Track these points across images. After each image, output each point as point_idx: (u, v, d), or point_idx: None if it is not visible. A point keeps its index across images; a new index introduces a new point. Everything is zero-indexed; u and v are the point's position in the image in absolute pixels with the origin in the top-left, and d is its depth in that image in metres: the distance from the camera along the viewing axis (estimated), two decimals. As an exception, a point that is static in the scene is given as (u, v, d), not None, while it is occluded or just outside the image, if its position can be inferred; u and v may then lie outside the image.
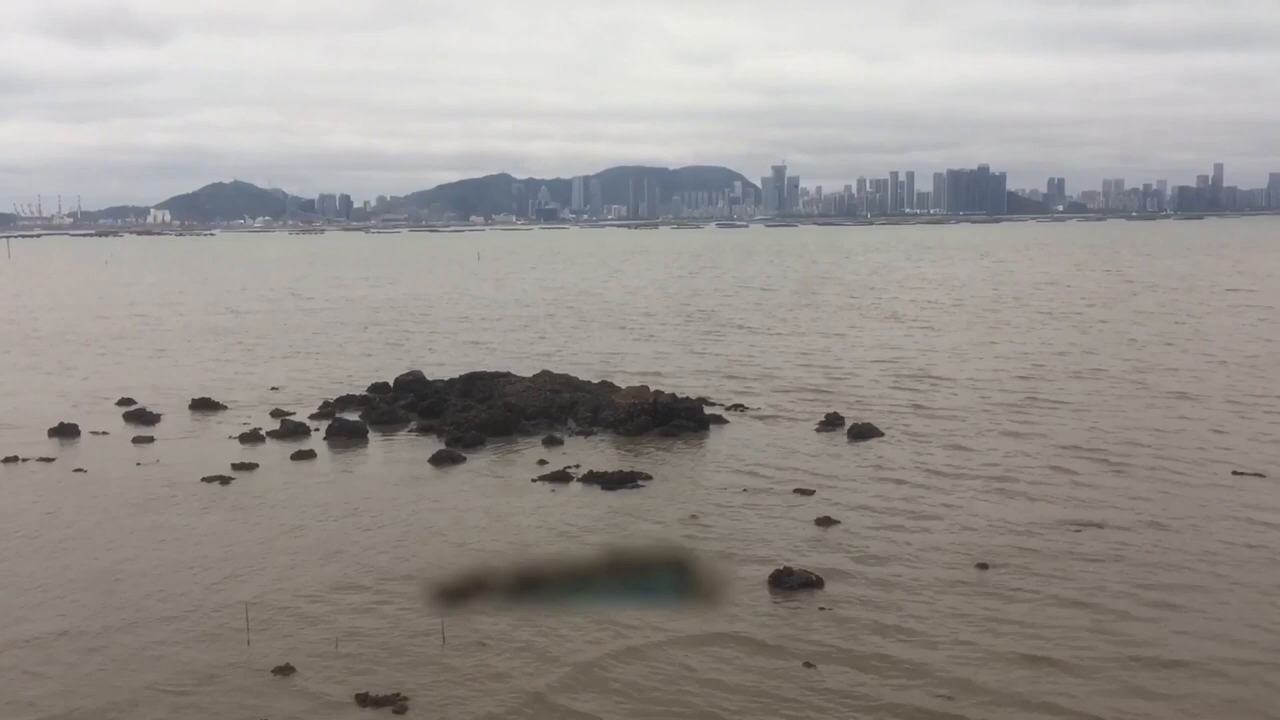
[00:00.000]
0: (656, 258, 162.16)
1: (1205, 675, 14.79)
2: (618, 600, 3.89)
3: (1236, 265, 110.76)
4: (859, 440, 29.93)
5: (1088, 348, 45.11)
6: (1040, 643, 15.80)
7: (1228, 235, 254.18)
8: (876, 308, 65.58)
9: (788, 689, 14.75)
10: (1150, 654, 15.42)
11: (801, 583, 19.08)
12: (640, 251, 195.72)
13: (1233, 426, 29.57)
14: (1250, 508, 22.11)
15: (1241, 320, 54.41)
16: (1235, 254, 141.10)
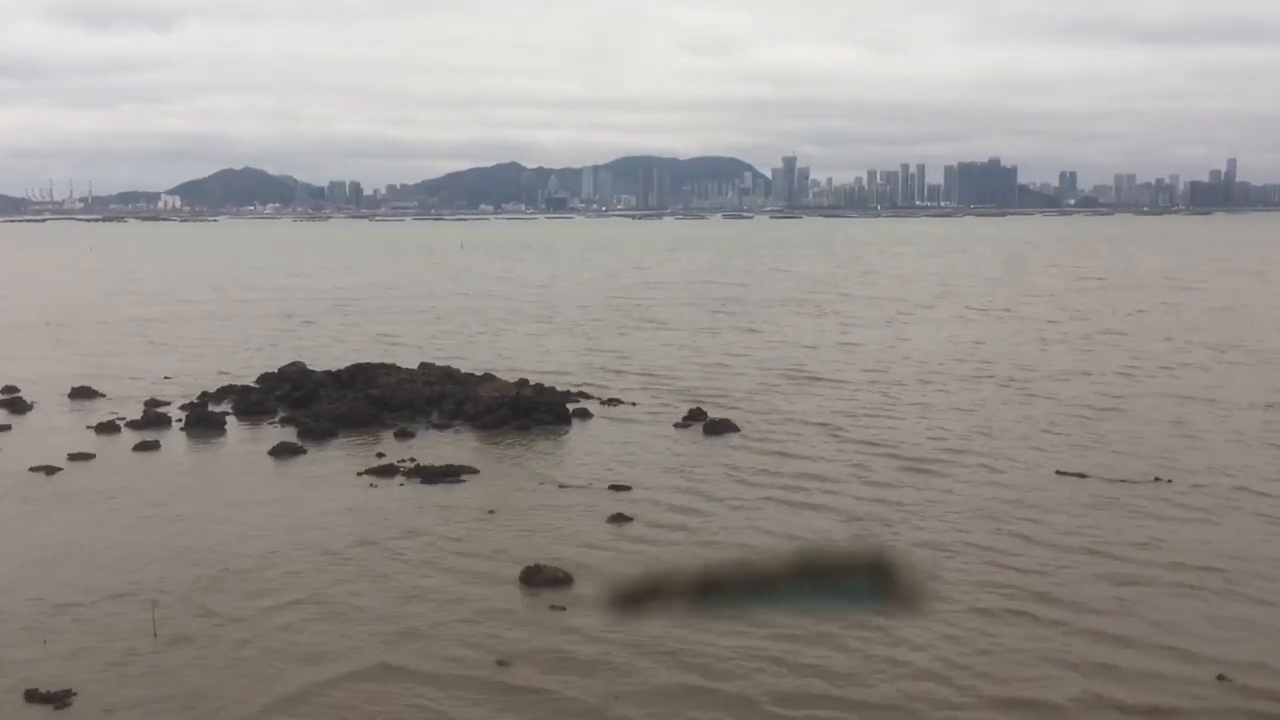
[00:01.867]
0: (632, 249, 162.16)
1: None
2: (811, 604, 3.64)
3: (1213, 262, 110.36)
4: (712, 436, 30.01)
5: (993, 347, 45.07)
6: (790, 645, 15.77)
7: (1228, 231, 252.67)
8: (812, 303, 65.55)
9: (468, 688, 14.86)
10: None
11: (549, 580, 19.25)
12: (623, 242, 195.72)
13: (1079, 428, 29.48)
14: (1034, 508, 22.05)
15: (1169, 320, 54.30)
16: (1220, 250, 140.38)
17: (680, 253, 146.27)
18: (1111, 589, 17.54)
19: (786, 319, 56.47)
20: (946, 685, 14.32)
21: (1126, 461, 25.85)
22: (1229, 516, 21.32)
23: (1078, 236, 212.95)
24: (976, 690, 14.20)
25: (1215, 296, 67.68)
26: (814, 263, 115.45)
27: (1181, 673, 14.67)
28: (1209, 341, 45.47)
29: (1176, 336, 47.66)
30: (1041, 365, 39.82)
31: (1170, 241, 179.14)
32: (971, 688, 14.24)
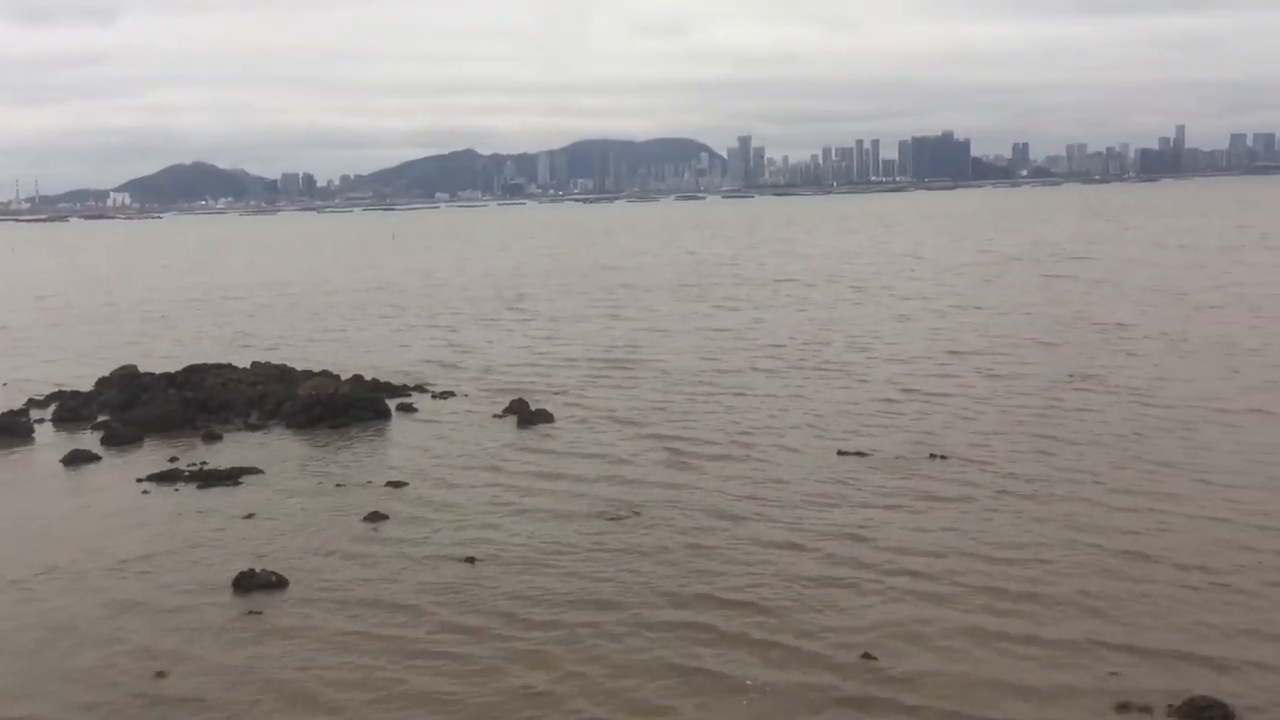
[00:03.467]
0: (563, 235, 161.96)
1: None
2: None
3: (1123, 230, 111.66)
4: (524, 428, 30.00)
5: (847, 328, 45.38)
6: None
7: (1163, 198, 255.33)
8: (699, 288, 65.70)
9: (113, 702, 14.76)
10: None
11: (260, 585, 19.16)
12: (560, 228, 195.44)
13: (886, 409, 29.67)
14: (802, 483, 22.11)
15: (1040, 296, 54.92)
16: (1137, 218, 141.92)
17: (610, 237, 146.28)
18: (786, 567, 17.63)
19: (661, 304, 56.54)
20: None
21: (910, 439, 26.02)
22: (986, 499, 21.49)
23: (1012, 208, 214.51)
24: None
25: (1102, 267, 68.43)
26: (732, 245, 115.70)
27: (831, 658, 14.79)
28: (1063, 316, 45.96)
29: (1037, 311, 48.13)
30: (884, 346, 40.04)
31: (1100, 210, 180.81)
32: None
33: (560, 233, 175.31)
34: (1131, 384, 30.94)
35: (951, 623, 15.46)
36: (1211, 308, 46.70)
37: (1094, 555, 17.73)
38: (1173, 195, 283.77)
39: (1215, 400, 28.32)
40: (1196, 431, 25.30)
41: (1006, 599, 16.17)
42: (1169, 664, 14.05)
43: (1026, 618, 15.54)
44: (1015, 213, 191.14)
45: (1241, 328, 40.61)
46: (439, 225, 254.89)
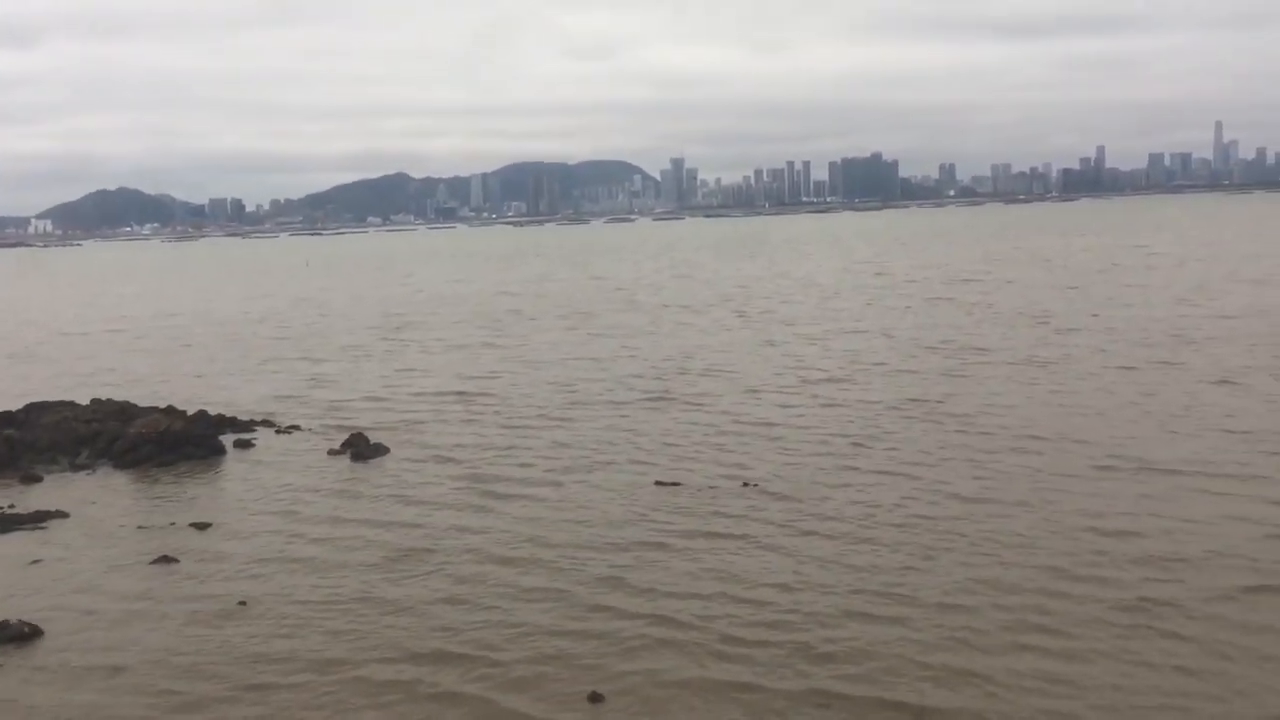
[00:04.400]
0: (476, 260, 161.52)
1: None
2: None
3: (1017, 249, 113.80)
4: (359, 462, 29.88)
5: (712, 357, 45.68)
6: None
7: (1075, 217, 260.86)
8: (585, 314, 65.80)
9: None
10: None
11: (13, 636, 18.71)
12: (478, 253, 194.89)
13: (709, 440, 29.81)
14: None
15: (902, 322, 55.67)
16: (1039, 238, 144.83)
17: (524, 261, 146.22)
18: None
19: (541, 332, 56.49)
20: None
21: (728, 470, 26.18)
22: (767, 536, 21.60)
23: (928, 229, 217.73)
24: None
25: (984, 290, 69.63)
26: (640, 269, 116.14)
27: (557, 692, 14.73)
28: (928, 340, 46.65)
29: (905, 335, 48.80)
30: (739, 375, 40.31)
31: (1008, 229, 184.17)
32: None
33: (477, 257, 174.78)
34: (959, 411, 31.40)
35: (680, 673, 15.44)
36: (1070, 330, 47.65)
37: (842, 600, 17.71)
38: (1085, 214, 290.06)
39: (1030, 428, 28.82)
40: (997, 460, 25.72)
41: (741, 645, 16.19)
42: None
43: (751, 665, 15.56)
44: (928, 234, 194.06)
45: (1089, 350, 41.43)
46: (361, 250, 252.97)
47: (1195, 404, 30.70)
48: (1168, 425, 28.17)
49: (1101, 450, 25.86)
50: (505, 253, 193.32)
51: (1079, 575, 18.14)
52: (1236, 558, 18.74)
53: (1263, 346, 40.19)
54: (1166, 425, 28.17)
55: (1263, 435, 26.63)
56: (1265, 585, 17.45)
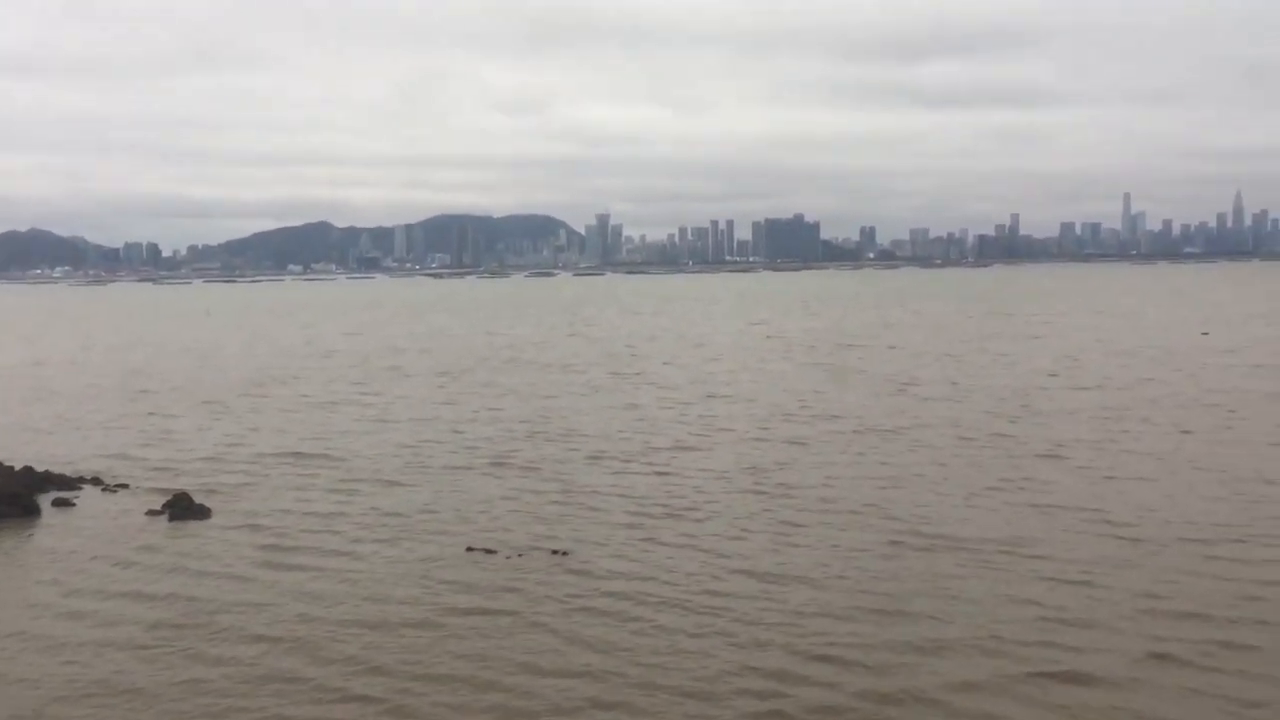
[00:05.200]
0: (382, 313, 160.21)
1: None
2: None
3: (917, 313, 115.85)
4: (176, 523, 29.09)
5: (550, 422, 45.41)
6: None
7: (981, 284, 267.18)
8: (460, 373, 65.29)
9: None
10: None
11: None
12: (387, 304, 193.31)
13: (532, 505, 29.46)
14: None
15: (769, 387, 55.88)
16: (938, 303, 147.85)
17: (425, 315, 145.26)
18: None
19: (409, 390, 55.87)
20: None
21: (540, 536, 25.84)
22: (544, 613, 21.23)
23: (841, 292, 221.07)
24: None
25: (863, 355, 70.53)
26: (539, 325, 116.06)
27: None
28: (787, 406, 46.91)
29: (767, 401, 49.03)
30: (583, 439, 40.07)
31: (909, 294, 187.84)
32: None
33: (385, 309, 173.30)
34: (787, 480, 31.35)
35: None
36: (928, 399, 48.25)
37: (587, 686, 17.33)
38: (993, 281, 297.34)
39: (846, 499, 28.87)
40: (802, 533, 25.67)
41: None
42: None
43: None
44: (837, 296, 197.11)
45: (938, 419, 41.87)
46: (271, 299, 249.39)
47: (1014, 476, 31.10)
48: (975, 499, 28.45)
49: (903, 524, 25.98)
50: (415, 305, 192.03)
51: (830, 657, 18.03)
52: (1001, 642, 18.75)
53: (1101, 420, 41.03)
54: (974, 499, 28.45)
55: (1063, 510, 27.00)
56: (1028, 673, 17.39)
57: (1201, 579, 21.51)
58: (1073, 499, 28.19)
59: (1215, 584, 21.17)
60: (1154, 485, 29.66)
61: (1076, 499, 28.18)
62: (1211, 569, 22.09)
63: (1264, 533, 24.63)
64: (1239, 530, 24.84)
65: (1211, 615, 19.53)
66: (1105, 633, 18.94)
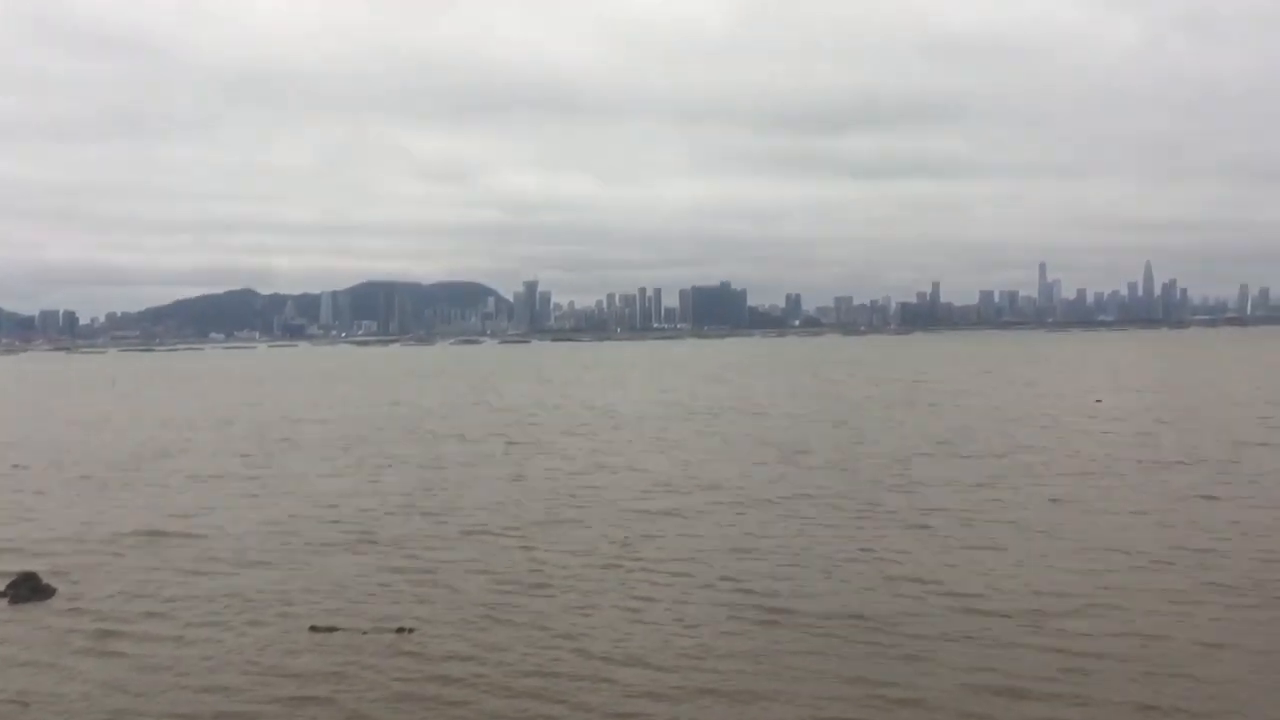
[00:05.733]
0: (294, 381, 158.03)
1: None
2: None
3: (825, 381, 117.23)
4: (17, 606, 27.93)
5: (431, 495, 44.85)
6: None
7: (901, 351, 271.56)
8: (354, 446, 64.39)
9: None
10: None
11: None
12: (290, 376, 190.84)
13: (383, 581, 28.81)
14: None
15: (625, 456, 55.83)
16: (838, 371, 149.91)
17: (334, 385, 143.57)
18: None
19: (296, 464, 54.75)
20: None
21: (387, 614, 25.23)
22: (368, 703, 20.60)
23: (760, 359, 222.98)
24: None
25: (764, 422, 70.87)
26: (448, 394, 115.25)
27: None
28: (666, 474, 46.77)
29: (652, 468, 48.83)
30: (451, 513, 39.51)
31: (824, 363, 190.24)
32: None
33: (298, 379, 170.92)
34: (646, 553, 31.11)
35: None
36: (814, 468, 48.40)
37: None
38: (907, 348, 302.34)
39: (692, 576, 28.71)
40: (634, 612, 25.40)
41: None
42: None
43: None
44: (755, 364, 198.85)
45: (818, 486, 41.99)
46: (185, 368, 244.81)
47: (876, 548, 31.11)
48: (832, 571, 28.37)
49: (753, 599, 25.77)
50: (329, 373, 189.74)
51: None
52: None
53: (975, 488, 41.37)
54: (831, 571, 28.37)
55: (913, 582, 27.01)
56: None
57: (1029, 652, 21.58)
58: (926, 571, 28.27)
59: (1041, 657, 21.24)
60: (1006, 555, 29.88)
61: (930, 571, 28.26)
62: (1040, 641, 22.18)
63: (1102, 603, 24.86)
64: (1078, 601, 25.05)
65: (1031, 690, 19.55)
66: (925, 711, 18.86)
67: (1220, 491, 39.44)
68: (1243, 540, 31.10)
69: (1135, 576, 27.29)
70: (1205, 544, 30.66)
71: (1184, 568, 28.07)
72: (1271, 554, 29.25)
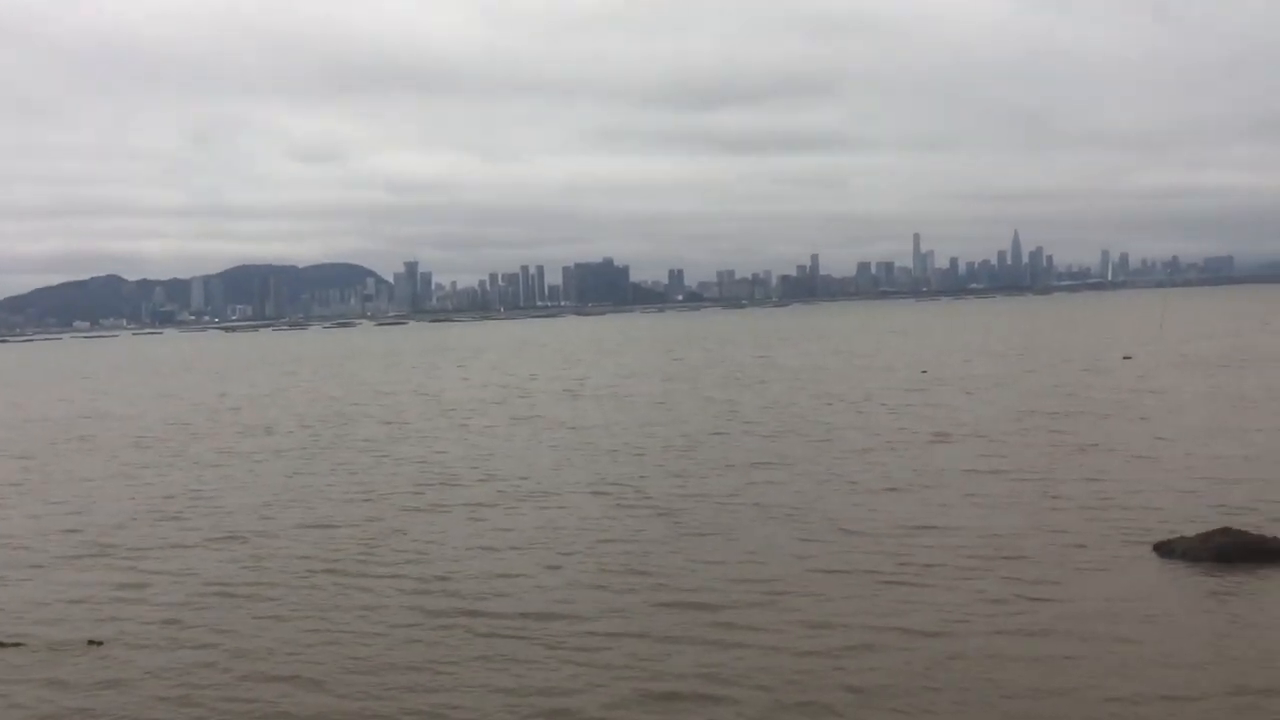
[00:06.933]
0: (138, 370, 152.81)
1: None
2: None
3: (669, 360, 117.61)
4: None
5: (200, 496, 43.16)
6: None
7: (761, 323, 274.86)
8: (160, 441, 62.04)
9: None
10: None
11: None
12: (150, 361, 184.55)
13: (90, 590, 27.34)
14: None
15: (427, 448, 54.79)
16: (702, 347, 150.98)
17: (177, 375, 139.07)
18: None
19: (76, 466, 52.36)
20: None
21: (83, 622, 23.82)
22: None
23: (630, 335, 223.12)
24: None
25: (581, 405, 70.40)
26: (285, 381, 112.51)
27: None
28: (467, 462, 45.87)
29: (432, 462, 47.83)
30: (199, 515, 38.00)
31: (688, 338, 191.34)
32: None
33: (135, 371, 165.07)
34: (365, 555, 30.20)
35: None
36: (602, 453, 47.95)
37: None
38: (776, 321, 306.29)
39: (401, 579, 27.92)
40: (325, 619, 24.51)
41: None
42: None
43: None
44: (623, 341, 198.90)
45: (575, 479, 41.54)
46: (27, 360, 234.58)
47: (581, 545, 30.75)
48: (552, 567, 27.90)
49: (454, 599, 25.13)
50: (179, 364, 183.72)
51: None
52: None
53: (746, 468, 41.38)
54: (555, 566, 27.90)
55: (616, 575, 26.64)
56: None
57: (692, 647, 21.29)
58: (652, 565, 27.92)
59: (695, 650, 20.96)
60: (736, 543, 29.71)
61: (654, 564, 27.94)
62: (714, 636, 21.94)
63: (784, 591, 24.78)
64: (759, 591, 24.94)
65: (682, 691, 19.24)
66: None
67: (978, 465, 40.04)
68: (884, 518, 31.49)
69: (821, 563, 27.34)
70: (856, 525, 30.93)
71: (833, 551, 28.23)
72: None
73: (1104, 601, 22.95)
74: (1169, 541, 26.78)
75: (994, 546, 27.89)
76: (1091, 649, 20.20)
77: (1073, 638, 20.83)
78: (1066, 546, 27.65)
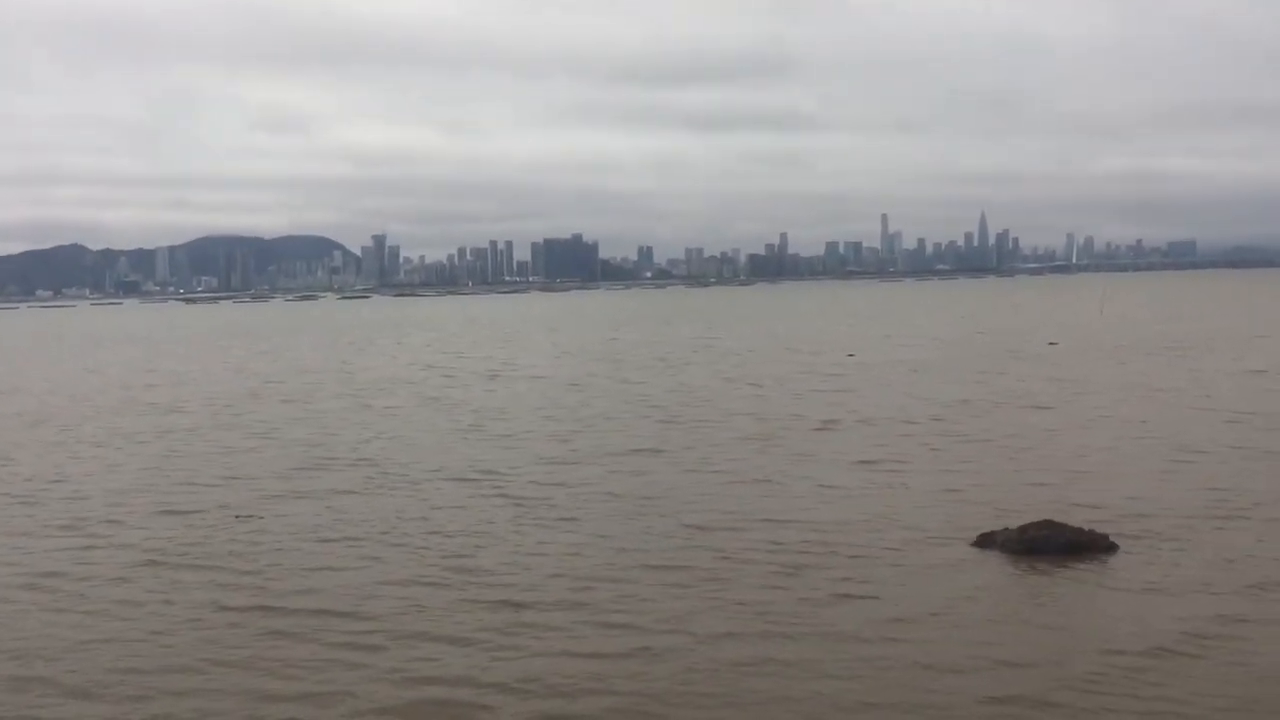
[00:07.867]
0: (77, 343, 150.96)
1: None
2: None
3: (614, 339, 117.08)
4: None
5: (66, 481, 42.34)
6: None
7: (722, 302, 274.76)
8: (56, 422, 61.02)
9: None
10: None
11: None
12: (93, 334, 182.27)
13: None
14: None
15: (358, 432, 54.12)
16: (656, 326, 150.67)
17: (117, 348, 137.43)
18: None
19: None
20: None
21: None
22: None
23: (587, 313, 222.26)
24: None
25: (495, 390, 69.79)
26: (225, 357, 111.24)
27: None
28: (335, 449, 45.22)
29: (325, 444, 47.15)
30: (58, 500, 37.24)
31: (639, 317, 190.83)
32: None
33: (86, 341, 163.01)
34: (194, 540, 29.60)
35: None
36: (493, 437, 47.45)
37: None
38: (739, 300, 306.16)
39: (215, 570, 27.37)
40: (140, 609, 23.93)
41: None
42: None
43: None
44: (576, 319, 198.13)
45: (455, 458, 41.01)
46: None
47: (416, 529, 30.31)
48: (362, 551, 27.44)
49: (266, 592, 24.61)
50: (128, 336, 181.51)
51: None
52: None
53: (617, 458, 41.02)
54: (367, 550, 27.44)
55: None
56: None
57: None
58: (443, 558, 27.49)
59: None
60: (577, 532, 29.31)
61: (449, 557, 27.51)
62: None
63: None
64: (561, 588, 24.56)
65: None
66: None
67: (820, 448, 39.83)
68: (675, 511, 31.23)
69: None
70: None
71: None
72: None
73: (893, 600, 22.69)
74: (992, 534, 26.64)
75: (822, 542, 27.60)
76: (850, 650, 19.90)
77: (846, 639, 20.53)
78: (893, 540, 27.41)
